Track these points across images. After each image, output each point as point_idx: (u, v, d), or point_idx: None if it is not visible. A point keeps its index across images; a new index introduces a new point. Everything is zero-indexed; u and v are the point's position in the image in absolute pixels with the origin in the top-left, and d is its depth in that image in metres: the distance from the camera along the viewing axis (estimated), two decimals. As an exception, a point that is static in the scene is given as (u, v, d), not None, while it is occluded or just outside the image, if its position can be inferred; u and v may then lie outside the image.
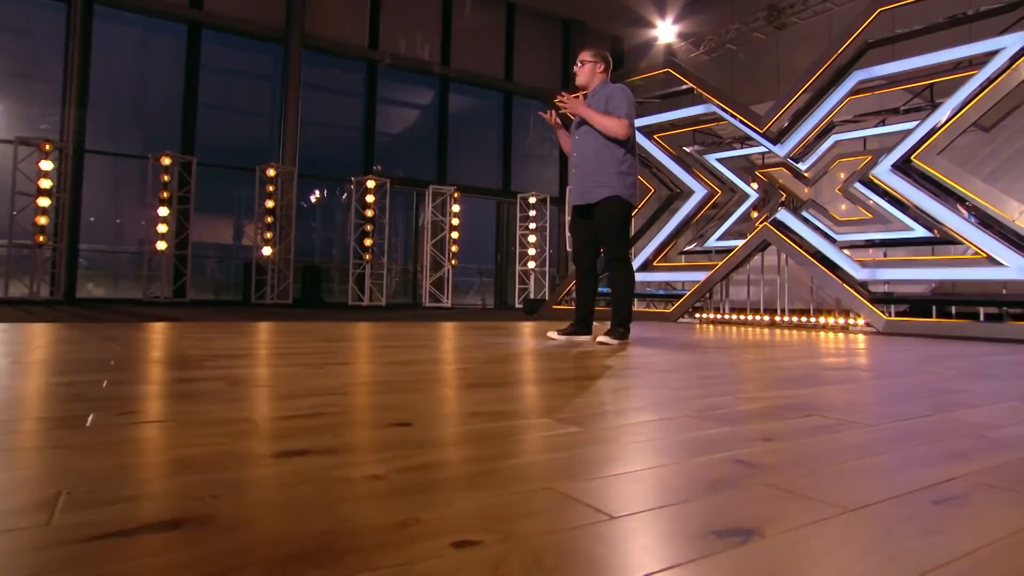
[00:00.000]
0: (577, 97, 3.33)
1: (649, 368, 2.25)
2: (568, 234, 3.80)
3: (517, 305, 12.31)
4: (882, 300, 5.62)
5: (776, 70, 10.59)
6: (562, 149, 3.59)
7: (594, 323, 3.67)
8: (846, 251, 6.04)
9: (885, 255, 6.61)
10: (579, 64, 3.42)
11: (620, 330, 3.22)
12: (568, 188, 3.51)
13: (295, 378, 1.77)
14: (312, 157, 11.73)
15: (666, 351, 2.95)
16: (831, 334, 4.95)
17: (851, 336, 4.73)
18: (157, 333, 3.42)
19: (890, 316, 5.39)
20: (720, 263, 6.38)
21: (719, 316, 6.51)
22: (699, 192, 6.92)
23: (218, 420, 1.17)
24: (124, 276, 10.52)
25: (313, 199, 13.37)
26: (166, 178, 9.12)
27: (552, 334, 3.47)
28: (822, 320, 5.75)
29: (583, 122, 3.34)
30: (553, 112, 3.40)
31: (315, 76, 11.83)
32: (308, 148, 11.55)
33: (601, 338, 3.19)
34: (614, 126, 3.21)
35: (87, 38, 9.39)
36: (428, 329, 4.45)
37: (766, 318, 6.14)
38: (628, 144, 3.29)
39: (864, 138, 6.82)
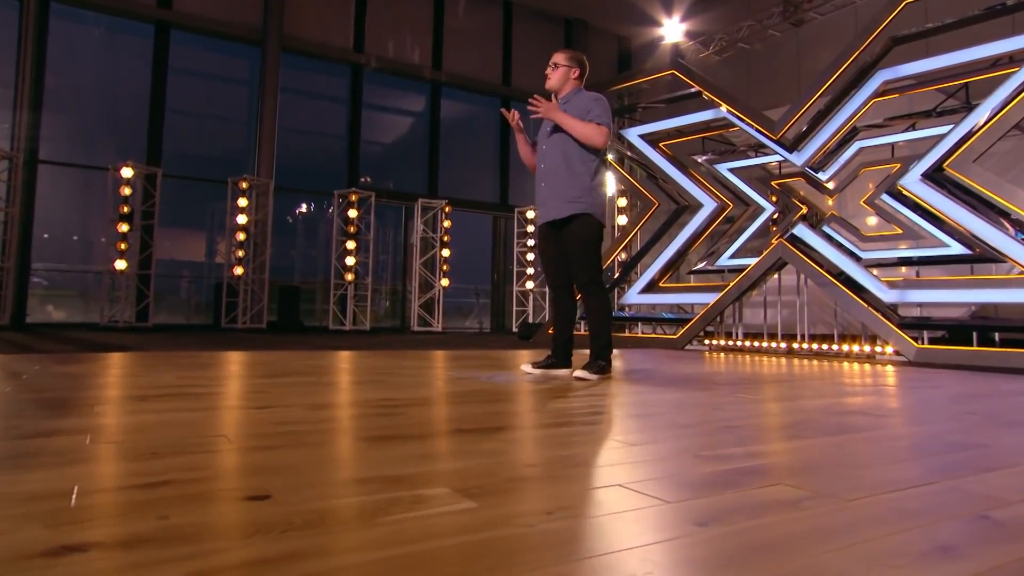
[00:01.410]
0: (552, 102, 3.22)
1: (615, 413, 2.09)
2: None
3: (515, 329, 12.15)
4: (914, 325, 5.43)
5: (797, 71, 10.51)
6: (520, 156, 3.48)
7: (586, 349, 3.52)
8: (873, 270, 5.87)
9: (918, 275, 6.43)
10: (552, 66, 3.31)
11: (600, 363, 3.06)
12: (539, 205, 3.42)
13: (184, 428, 1.62)
14: (293, 168, 11.72)
15: (649, 388, 2.79)
16: (855, 365, 4.76)
17: (877, 367, 4.54)
18: (78, 366, 3.29)
19: (923, 344, 5.20)
20: (731, 284, 6.21)
21: (731, 343, 6.33)
22: (708, 205, 6.78)
23: (28, 495, 1.03)
24: (95, 297, 10.42)
25: (299, 212, 13.36)
26: (127, 191, 9.07)
27: (527, 367, 3.32)
28: (846, 348, 5.56)
29: (553, 132, 3.23)
30: (516, 112, 3.29)
31: (295, 81, 11.86)
32: (289, 159, 11.54)
33: (578, 373, 3.04)
34: (593, 133, 3.09)
35: (42, 38, 9.42)
36: (399, 360, 4.30)
37: (783, 345, 5.95)
38: (601, 155, 3.20)
39: (892, 144, 6.67)
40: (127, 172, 9.06)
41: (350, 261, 11.04)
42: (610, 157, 8.29)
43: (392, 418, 1.89)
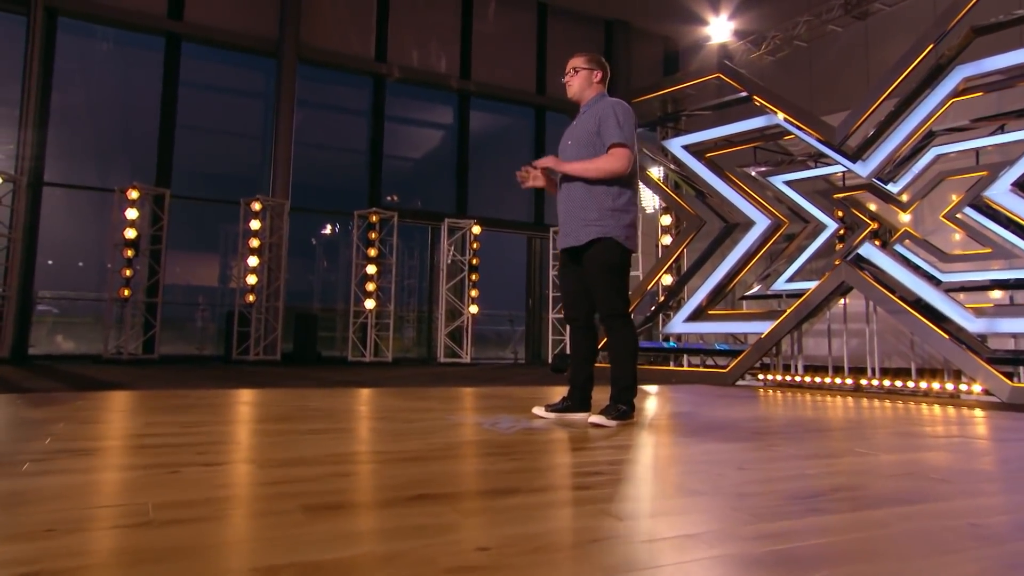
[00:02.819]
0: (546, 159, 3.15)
1: (620, 472, 1.93)
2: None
3: (551, 360, 11.98)
4: (1008, 360, 5.10)
5: (865, 71, 10.19)
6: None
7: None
8: (958, 295, 5.54)
9: (1012, 300, 6.06)
10: (572, 72, 3.21)
11: (620, 407, 2.90)
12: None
13: (104, 494, 1.55)
14: (311, 187, 11.90)
15: (673, 439, 2.62)
16: (936, 407, 4.46)
17: (963, 411, 4.24)
18: (48, 409, 3.30)
19: (1019, 382, 4.85)
20: (789, 310, 5.96)
21: (789, 378, 6.05)
22: (761, 223, 6.55)
23: None
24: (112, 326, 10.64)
25: (324, 234, 13.58)
26: (132, 214, 9.30)
27: (539, 411, 3.19)
28: (924, 385, 5.23)
29: (571, 147, 3.14)
30: (530, 171, 3.20)
31: (313, 93, 12.09)
32: (306, 177, 11.72)
33: (594, 418, 2.89)
34: (606, 167, 2.99)
35: (49, 54, 9.83)
36: (405, 400, 4.21)
37: (849, 382, 5.65)
38: (625, 175, 3.04)
39: (976, 150, 6.35)
40: (134, 194, 9.30)
41: (370, 287, 11.08)
42: (654, 172, 8.14)
43: (353, 479, 1.78)
